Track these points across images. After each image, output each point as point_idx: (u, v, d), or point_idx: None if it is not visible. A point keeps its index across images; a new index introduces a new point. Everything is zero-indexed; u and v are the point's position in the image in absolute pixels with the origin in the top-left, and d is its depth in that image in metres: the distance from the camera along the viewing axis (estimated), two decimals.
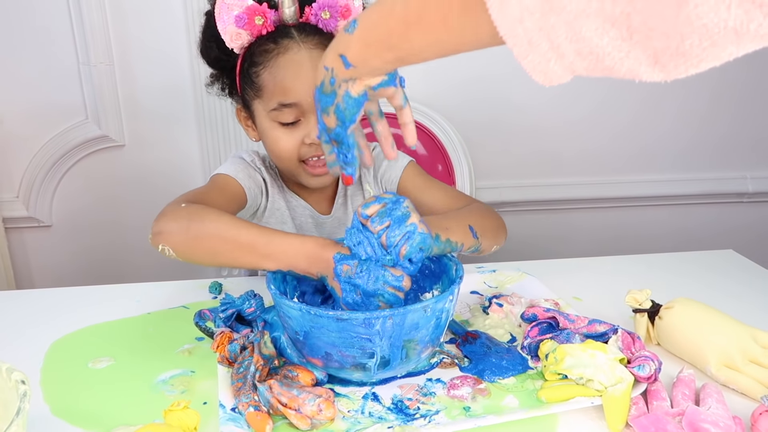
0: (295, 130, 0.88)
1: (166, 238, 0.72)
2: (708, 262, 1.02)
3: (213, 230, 0.71)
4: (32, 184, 1.54)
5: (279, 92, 0.85)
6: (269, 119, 0.88)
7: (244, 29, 0.84)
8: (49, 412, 0.64)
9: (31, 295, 0.93)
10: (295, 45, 0.85)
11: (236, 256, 0.70)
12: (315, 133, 0.85)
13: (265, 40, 0.85)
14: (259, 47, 0.86)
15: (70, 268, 1.63)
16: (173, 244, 0.72)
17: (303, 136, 0.88)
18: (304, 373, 0.67)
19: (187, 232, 0.72)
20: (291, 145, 0.88)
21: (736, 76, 1.68)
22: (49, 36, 1.44)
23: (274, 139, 0.89)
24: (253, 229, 0.71)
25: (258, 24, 0.84)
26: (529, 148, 1.67)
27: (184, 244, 0.72)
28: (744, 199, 1.80)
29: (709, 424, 0.56)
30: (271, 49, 0.85)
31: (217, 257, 0.72)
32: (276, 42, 0.85)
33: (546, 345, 0.69)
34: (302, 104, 0.85)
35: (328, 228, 1.01)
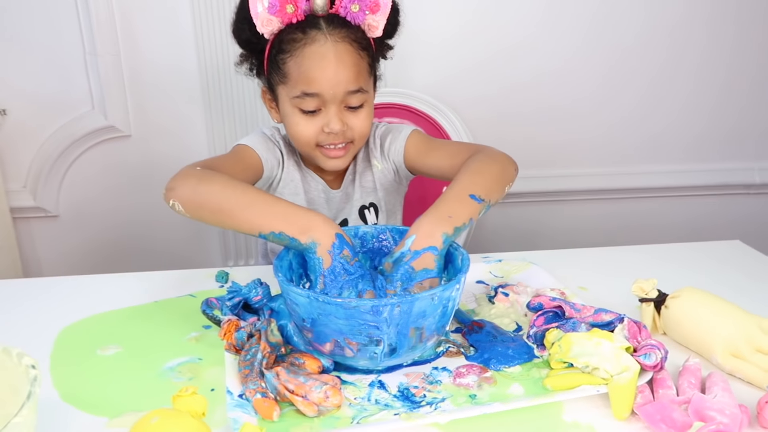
0: (315, 118, 0.91)
1: (177, 194, 0.78)
2: (715, 253, 1.01)
3: (219, 190, 0.77)
4: (39, 175, 1.55)
5: (303, 81, 0.88)
6: (291, 105, 0.91)
7: (275, 16, 0.86)
8: (58, 398, 0.65)
9: (41, 283, 0.93)
10: (322, 37, 0.87)
11: (237, 215, 0.74)
12: (334, 123, 0.89)
13: (294, 28, 0.88)
14: (288, 35, 0.88)
15: (76, 257, 1.64)
16: (182, 200, 0.77)
17: (323, 124, 0.90)
18: (310, 361, 0.68)
19: (196, 190, 0.77)
20: (310, 132, 0.91)
21: (745, 68, 1.67)
22: (55, 26, 1.44)
23: (294, 124, 0.92)
24: (258, 192, 0.76)
25: (289, 12, 0.86)
26: (535, 139, 1.67)
27: (192, 201, 0.77)
28: (751, 190, 1.79)
29: (715, 411, 0.56)
30: (298, 39, 0.87)
31: (220, 215, 0.76)
32: (304, 32, 0.87)
33: (552, 334, 0.69)
34: (324, 95, 0.88)
35: (337, 202, 1.03)
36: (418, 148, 0.99)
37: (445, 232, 0.71)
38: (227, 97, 1.53)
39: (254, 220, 0.73)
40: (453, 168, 0.86)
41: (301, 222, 0.72)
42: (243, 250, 1.67)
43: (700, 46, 1.63)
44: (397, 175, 1.04)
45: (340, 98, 0.89)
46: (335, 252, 0.70)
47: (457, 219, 0.73)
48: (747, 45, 1.64)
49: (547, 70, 1.61)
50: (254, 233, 0.73)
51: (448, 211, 0.74)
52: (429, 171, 0.98)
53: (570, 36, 1.59)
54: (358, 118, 0.92)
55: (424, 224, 0.72)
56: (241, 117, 1.55)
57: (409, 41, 0.95)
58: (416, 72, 1.55)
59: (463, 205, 0.75)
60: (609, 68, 1.63)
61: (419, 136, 1.01)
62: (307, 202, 1.01)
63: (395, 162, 1.01)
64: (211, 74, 1.50)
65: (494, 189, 0.81)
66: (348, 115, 0.91)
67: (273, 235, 0.72)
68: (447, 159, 0.93)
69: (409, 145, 1.00)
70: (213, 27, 1.46)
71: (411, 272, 0.70)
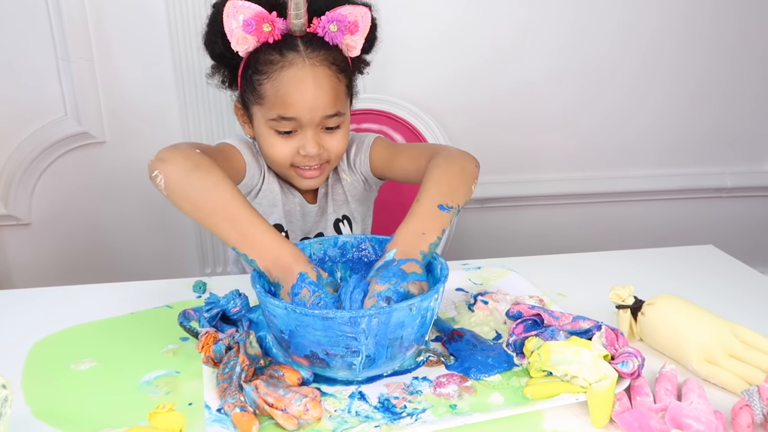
0: (291, 140, 0.90)
1: (166, 168, 0.74)
2: (689, 258, 1.03)
3: (211, 187, 0.73)
4: (10, 182, 1.51)
5: (279, 105, 0.87)
6: (267, 126, 0.90)
7: (251, 35, 0.84)
8: (31, 414, 0.63)
9: (12, 295, 0.91)
10: (300, 60, 0.85)
11: (218, 221, 0.71)
12: (310, 146, 0.88)
13: (271, 48, 0.86)
14: (265, 55, 0.86)
15: (49, 266, 1.61)
16: (169, 177, 0.73)
17: (299, 147, 0.90)
18: (290, 373, 0.67)
19: (189, 173, 0.73)
20: (286, 153, 0.90)
21: (717, 75, 1.71)
22: (26, 31, 1.41)
23: (269, 146, 0.91)
24: (245, 206, 0.72)
25: (266, 31, 0.84)
26: (513, 145, 1.68)
27: (179, 183, 0.73)
28: (723, 194, 1.83)
29: (691, 419, 0.57)
30: (276, 61, 0.86)
31: (198, 212, 0.73)
32: (281, 53, 0.86)
33: (531, 342, 0.70)
34: (301, 119, 0.87)
35: (313, 216, 1.03)
36: (382, 157, 0.99)
37: (421, 250, 0.71)
38: (204, 102, 1.51)
39: (232, 235, 0.71)
40: (418, 172, 0.86)
41: (272, 256, 0.69)
42: (221, 257, 1.66)
43: (674, 55, 1.66)
44: (367, 184, 1.04)
45: (317, 122, 0.88)
46: (293, 293, 0.68)
47: (430, 235, 0.73)
48: (718, 54, 1.68)
49: (525, 79, 1.62)
50: (229, 245, 0.72)
51: (421, 227, 0.73)
52: (396, 177, 0.98)
53: (548, 47, 1.60)
54: (335, 139, 0.92)
55: (400, 243, 0.72)
56: (219, 122, 1.53)
57: (390, 49, 0.95)
58: (396, 79, 1.56)
59: (434, 219, 0.74)
60: (586, 77, 1.65)
61: (382, 143, 1.00)
62: (284, 214, 1.01)
63: (362, 172, 1.01)
64: (187, 80, 1.49)
65: (459, 192, 0.80)
66: (324, 137, 0.91)
67: (245, 258, 0.71)
68: (411, 164, 0.93)
69: (374, 154, 0.99)
70: (189, 31, 1.45)
71: (403, 273, 0.68)
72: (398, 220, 0.76)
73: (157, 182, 0.74)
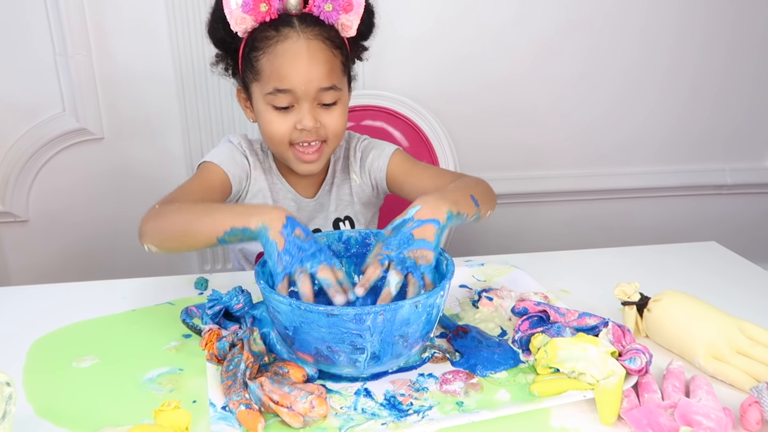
0: (288, 115, 0.91)
1: (146, 237, 0.80)
2: (692, 254, 1.03)
3: (174, 217, 0.79)
4: (8, 179, 1.50)
5: (275, 78, 0.88)
6: (264, 102, 0.91)
7: (248, 14, 0.87)
8: (33, 413, 0.63)
9: (12, 292, 0.90)
10: (294, 34, 0.87)
11: (194, 230, 0.76)
12: (307, 119, 0.90)
13: (268, 26, 0.88)
14: (261, 33, 0.88)
15: (47, 264, 1.60)
16: (151, 241, 0.79)
17: (295, 121, 0.91)
18: (294, 370, 0.66)
19: (156, 226, 0.80)
20: (283, 129, 0.91)
21: (714, 70, 1.70)
22: (23, 26, 1.40)
23: (267, 122, 0.92)
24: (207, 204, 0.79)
25: (262, 11, 0.87)
26: (510, 141, 1.68)
27: (157, 237, 0.79)
28: (723, 191, 1.82)
29: (701, 416, 0.56)
30: (271, 36, 0.88)
31: (182, 238, 0.78)
32: (277, 29, 0.88)
33: (537, 339, 0.69)
34: (296, 91, 0.88)
35: (309, 211, 1.03)
36: (401, 169, 1.00)
37: (450, 210, 0.72)
38: (203, 98, 1.50)
39: (208, 228, 0.73)
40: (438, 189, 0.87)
41: (249, 211, 0.71)
42: (220, 254, 1.65)
43: (670, 47, 1.66)
44: (376, 190, 1.04)
45: (313, 95, 0.89)
46: (287, 231, 0.68)
47: (461, 206, 0.75)
48: (714, 47, 1.68)
49: (520, 71, 1.62)
50: (213, 241, 0.73)
51: (453, 197, 0.75)
52: (408, 192, 0.98)
53: (540, 37, 1.60)
54: (332, 116, 0.92)
55: (430, 199, 0.72)
56: (218, 119, 1.52)
57: (385, 43, 0.95)
58: (392, 74, 1.55)
59: (465, 199, 0.78)
60: (580, 70, 1.64)
61: (403, 155, 1.02)
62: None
63: (376, 179, 1.01)
64: (187, 75, 1.48)
65: (485, 203, 0.84)
66: (321, 112, 0.91)
67: (226, 233, 0.71)
68: (430, 180, 0.94)
69: (393, 164, 1.00)
70: (188, 26, 1.44)
71: (410, 239, 0.69)
72: None
73: (153, 251, 0.80)
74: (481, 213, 0.82)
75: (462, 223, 0.77)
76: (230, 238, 0.72)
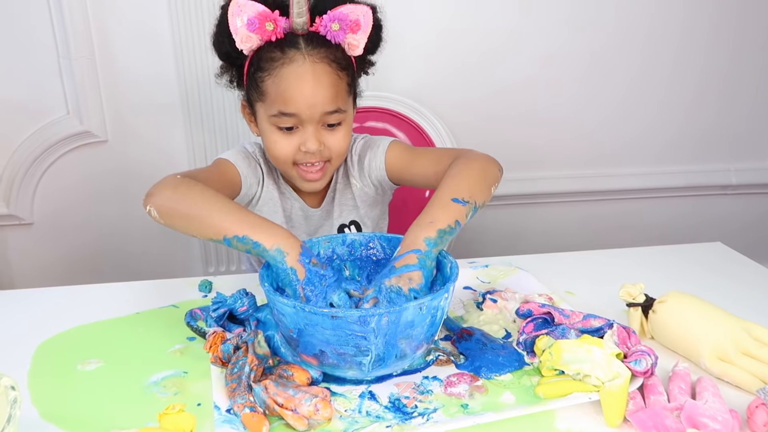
0: (293, 136, 0.90)
1: (154, 200, 0.78)
2: (697, 255, 1.02)
3: (192, 196, 0.77)
4: (12, 181, 1.50)
5: (280, 101, 0.87)
6: (269, 123, 0.90)
7: (254, 33, 0.85)
8: (38, 416, 0.63)
9: (15, 295, 0.90)
10: (300, 57, 0.86)
11: (205, 219, 0.74)
12: (311, 142, 0.89)
13: (273, 46, 0.87)
14: (267, 53, 0.87)
15: (52, 266, 1.60)
16: (158, 205, 0.78)
17: (299, 143, 0.90)
18: (299, 372, 0.66)
19: (171, 196, 0.78)
20: (287, 150, 0.91)
21: (719, 70, 1.70)
22: (27, 29, 1.40)
23: (272, 142, 0.91)
24: (229, 201, 0.77)
25: (268, 30, 0.85)
26: (515, 142, 1.67)
27: (166, 207, 0.77)
28: (728, 191, 1.82)
29: (707, 418, 0.56)
30: (277, 58, 0.87)
31: (190, 221, 0.76)
32: (283, 51, 0.86)
33: (542, 341, 0.69)
34: (300, 115, 0.88)
35: (316, 220, 1.03)
36: (400, 160, 0.98)
37: (427, 236, 0.70)
38: (206, 102, 1.50)
39: (220, 224, 0.73)
40: (437, 175, 0.85)
41: (266, 229, 0.71)
42: (224, 256, 1.65)
43: (675, 48, 1.65)
44: (380, 189, 1.02)
45: (317, 118, 0.89)
46: (305, 261, 0.69)
47: (438, 223, 0.72)
48: (719, 47, 1.67)
49: (525, 74, 1.61)
50: (219, 238, 0.73)
51: (430, 218, 0.73)
52: (414, 181, 0.97)
53: (546, 41, 1.59)
54: (336, 137, 0.91)
55: (408, 236, 0.72)
56: (221, 121, 1.53)
57: (391, 45, 0.94)
58: (397, 76, 1.55)
59: (445, 210, 0.74)
60: (585, 73, 1.64)
61: (399, 147, 0.99)
62: (285, 219, 1.01)
63: (377, 177, 1.00)
64: (190, 79, 1.48)
65: (477, 190, 0.79)
66: (325, 134, 0.91)
67: (237, 238, 0.71)
68: (431, 167, 0.92)
69: (390, 158, 0.98)
70: (192, 30, 1.44)
71: (391, 270, 0.69)
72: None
73: (152, 216, 0.78)
74: (478, 203, 0.78)
75: (457, 230, 0.74)
76: (238, 244, 0.71)
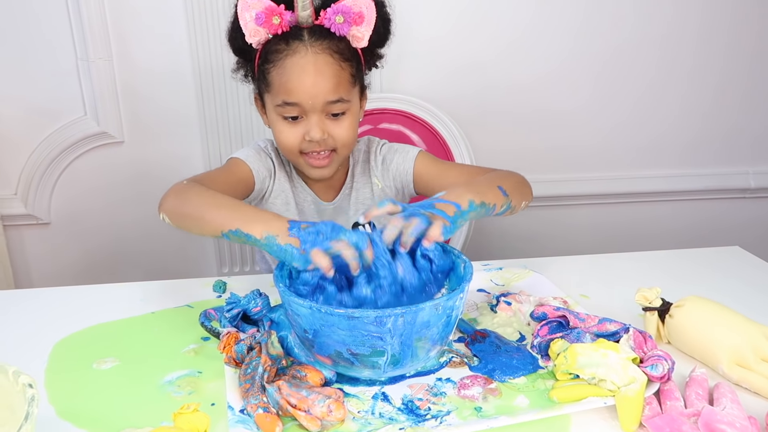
0: (298, 126, 0.93)
1: (164, 207, 0.82)
2: (715, 260, 1.01)
3: (194, 198, 0.81)
4: (30, 181, 1.52)
5: (283, 91, 0.90)
6: (275, 113, 0.93)
7: (262, 27, 0.88)
8: (55, 414, 0.63)
9: (34, 294, 0.91)
10: (303, 48, 0.89)
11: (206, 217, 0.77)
12: (314, 131, 0.91)
13: (279, 39, 0.90)
14: (273, 46, 0.90)
15: (69, 265, 1.62)
16: (167, 212, 0.81)
17: (304, 132, 0.92)
18: (312, 373, 0.66)
19: (176, 202, 0.82)
20: (293, 139, 0.93)
21: (739, 73, 1.67)
22: (46, 31, 1.42)
23: (278, 132, 0.94)
24: (227, 198, 0.80)
25: (275, 23, 0.88)
26: (530, 144, 1.66)
27: (174, 212, 0.81)
28: (747, 194, 1.79)
29: (725, 425, 0.55)
30: (281, 50, 0.90)
31: (195, 221, 0.79)
32: (288, 43, 0.89)
33: (557, 344, 0.69)
34: (303, 104, 0.90)
35: (329, 214, 1.04)
36: (429, 171, 1.00)
37: (472, 198, 0.74)
38: (221, 103, 1.51)
39: (216, 221, 0.75)
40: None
41: (255, 218, 0.72)
42: (238, 257, 1.66)
43: (694, 48, 1.63)
44: (401, 194, 1.04)
45: (320, 108, 0.90)
46: (295, 230, 0.69)
47: (486, 196, 0.77)
48: (739, 49, 1.65)
49: (540, 73, 1.61)
50: (218, 234, 0.74)
51: (478, 189, 0.77)
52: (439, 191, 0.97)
53: (560, 40, 1.58)
54: (340, 126, 0.93)
55: (454, 188, 0.76)
56: (236, 123, 1.53)
57: (402, 46, 0.95)
58: (409, 76, 1.55)
59: (491, 190, 0.79)
60: (601, 72, 1.63)
61: (428, 157, 1.02)
62: (298, 212, 1.02)
63: (402, 182, 1.02)
64: (206, 80, 1.49)
65: (516, 193, 0.85)
66: (329, 123, 0.92)
67: (231, 232, 0.73)
68: (463, 179, 0.93)
69: (419, 166, 1.00)
70: (207, 33, 1.45)
71: (431, 205, 0.72)
72: None
73: (166, 222, 0.82)
74: (513, 203, 0.83)
75: (490, 213, 0.78)
76: (234, 238, 0.73)
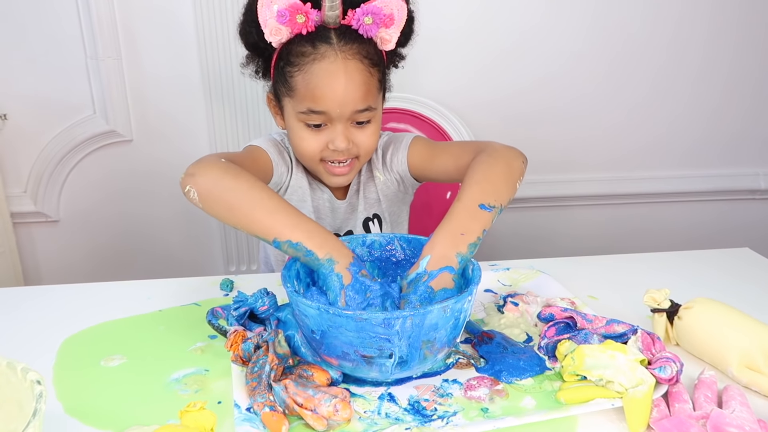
0: (321, 134, 0.89)
1: (197, 182, 0.75)
2: (724, 261, 1.00)
3: (245, 188, 0.74)
4: (40, 179, 1.53)
5: (310, 98, 0.86)
6: (297, 119, 0.89)
7: (284, 25, 0.83)
8: (62, 411, 0.63)
9: (43, 291, 0.92)
10: (332, 53, 0.84)
11: (257, 217, 0.72)
12: (339, 141, 0.87)
13: (304, 40, 0.85)
14: (297, 47, 0.85)
15: (77, 263, 1.63)
16: (202, 188, 0.74)
17: (328, 141, 0.89)
18: (319, 373, 0.66)
19: (219, 182, 0.74)
20: (315, 147, 0.90)
21: (747, 72, 1.66)
22: (56, 30, 1.43)
23: (299, 138, 0.90)
24: (281, 199, 0.74)
25: (299, 22, 0.83)
26: (537, 145, 1.65)
27: (211, 192, 0.74)
28: (756, 195, 1.78)
29: (734, 428, 0.55)
30: (308, 53, 0.85)
31: (236, 213, 0.73)
32: (314, 45, 0.84)
33: (564, 345, 0.68)
34: (330, 113, 0.86)
35: (342, 212, 1.02)
36: (421, 156, 0.97)
37: (459, 252, 0.69)
38: (230, 101, 1.52)
39: (273, 226, 0.71)
40: (459, 170, 0.85)
41: (321, 238, 0.70)
42: (245, 256, 1.66)
43: (701, 47, 1.62)
44: (402, 185, 1.02)
45: (347, 116, 0.87)
46: (354, 270, 0.69)
47: (470, 235, 0.71)
48: (748, 47, 1.64)
49: (546, 75, 1.60)
50: (269, 239, 0.71)
51: (460, 227, 0.71)
52: (436, 176, 0.97)
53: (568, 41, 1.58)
54: (365, 134, 0.90)
55: (437, 245, 0.70)
56: (244, 121, 1.54)
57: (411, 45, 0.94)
58: (417, 77, 1.54)
59: (474, 219, 0.72)
60: (608, 72, 1.62)
61: (421, 142, 0.99)
62: (313, 210, 1.00)
63: (399, 172, 1.00)
64: (214, 78, 1.49)
65: (503, 190, 0.78)
66: (354, 131, 0.89)
67: (289, 243, 0.70)
68: (452, 161, 0.91)
69: (412, 154, 0.98)
70: (216, 31, 1.45)
71: (431, 292, 0.68)
72: (438, 221, 0.74)
73: (190, 197, 0.75)
74: (504, 203, 0.77)
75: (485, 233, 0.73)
76: (288, 248, 0.70)
